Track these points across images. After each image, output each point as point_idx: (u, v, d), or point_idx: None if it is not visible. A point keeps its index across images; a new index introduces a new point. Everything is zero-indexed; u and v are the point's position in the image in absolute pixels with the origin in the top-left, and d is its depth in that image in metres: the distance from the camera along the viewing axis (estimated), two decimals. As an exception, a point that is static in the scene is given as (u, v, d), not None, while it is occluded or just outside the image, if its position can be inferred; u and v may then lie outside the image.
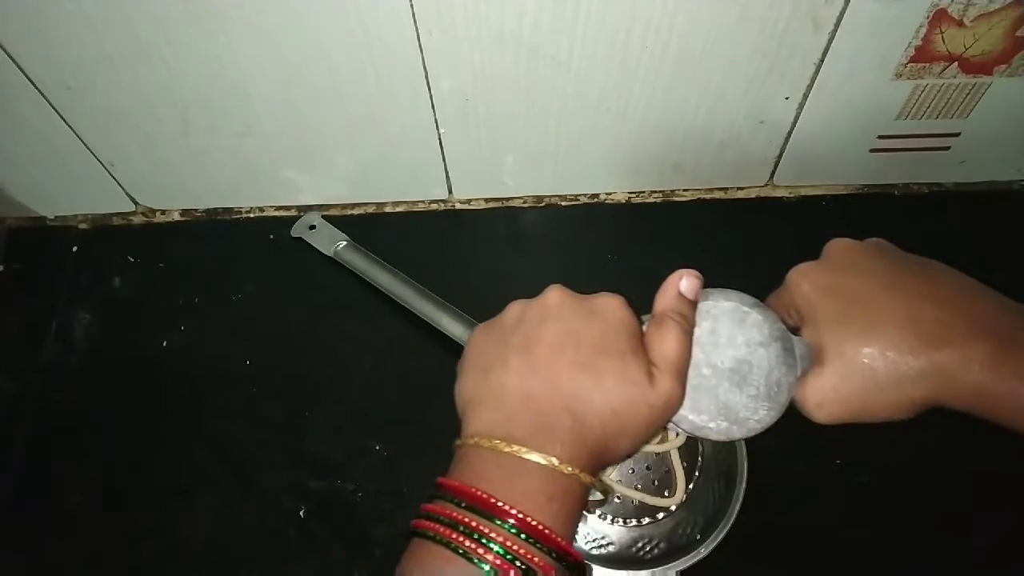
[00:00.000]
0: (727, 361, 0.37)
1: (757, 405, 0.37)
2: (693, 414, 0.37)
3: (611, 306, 0.36)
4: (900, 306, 0.34)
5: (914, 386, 0.33)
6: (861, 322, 0.35)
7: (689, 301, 0.38)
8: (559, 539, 0.30)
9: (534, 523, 0.30)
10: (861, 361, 0.34)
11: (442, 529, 0.30)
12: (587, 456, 0.33)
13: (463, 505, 0.31)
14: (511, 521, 0.30)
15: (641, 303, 0.59)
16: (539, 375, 0.34)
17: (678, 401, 0.35)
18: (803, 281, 0.37)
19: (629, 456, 0.41)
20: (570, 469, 0.32)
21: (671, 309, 0.37)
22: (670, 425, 0.37)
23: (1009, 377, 0.32)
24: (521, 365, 0.34)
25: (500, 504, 0.30)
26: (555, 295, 0.37)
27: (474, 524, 0.30)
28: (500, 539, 0.29)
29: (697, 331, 0.38)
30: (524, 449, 0.32)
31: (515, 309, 0.38)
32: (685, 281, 0.38)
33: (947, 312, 0.34)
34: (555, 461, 0.32)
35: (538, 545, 0.30)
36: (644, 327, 0.37)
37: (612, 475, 0.50)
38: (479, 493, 0.31)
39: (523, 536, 0.30)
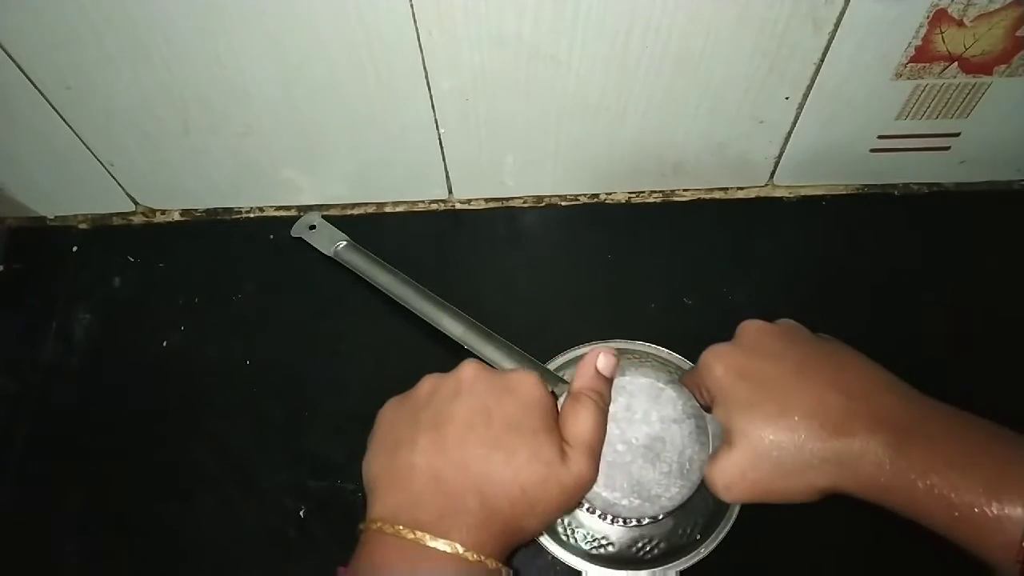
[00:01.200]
0: (641, 438, 0.38)
1: (669, 482, 0.38)
2: (607, 491, 0.37)
3: (526, 383, 0.36)
4: (808, 394, 0.34)
5: (816, 474, 0.34)
6: (769, 408, 0.34)
7: (606, 379, 0.38)
8: None
9: None
10: (767, 447, 0.34)
11: None
12: (493, 539, 0.32)
13: None
14: None
15: (641, 303, 0.59)
16: (448, 455, 0.33)
17: (590, 481, 0.35)
18: (715, 363, 0.37)
19: (538, 536, 0.40)
20: (474, 556, 0.31)
21: (587, 387, 0.37)
22: (584, 502, 0.37)
23: (905, 469, 0.32)
24: (430, 444, 0.34)
25: None
26: (469, 370, 0.37)
27: None
28: None
29: (613, 407, 0.38)
30: (428, 536, 0.31)
31: (428, 384, 0.37)
32: (602, 359, 0.38)
33: (852, 402, 0.34)
34: (459, 548, 0.31)
35: None
36: (560, 403, 0.37)
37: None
38: None
39: None
